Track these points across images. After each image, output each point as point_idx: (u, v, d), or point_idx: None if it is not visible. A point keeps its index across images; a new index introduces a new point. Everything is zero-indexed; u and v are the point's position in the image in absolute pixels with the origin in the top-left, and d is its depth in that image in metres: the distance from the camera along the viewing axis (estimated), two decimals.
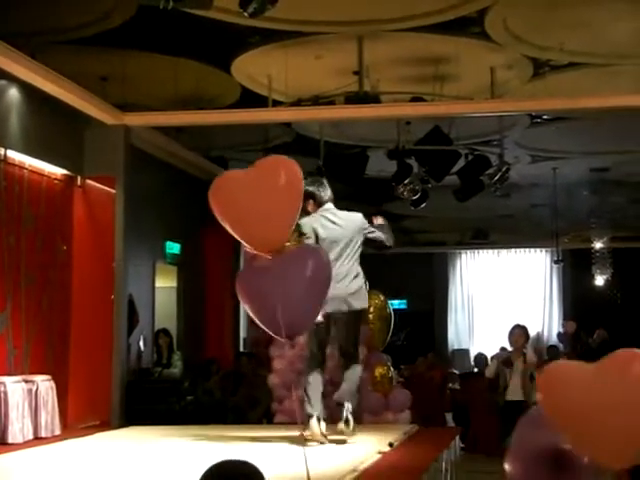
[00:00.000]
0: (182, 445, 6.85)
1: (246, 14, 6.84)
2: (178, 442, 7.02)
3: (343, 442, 6.47)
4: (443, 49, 9.58)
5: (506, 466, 4.31)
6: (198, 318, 12.34)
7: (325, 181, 6.80)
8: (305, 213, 6.45)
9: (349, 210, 6.75)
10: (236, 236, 5.21)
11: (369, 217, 6.84)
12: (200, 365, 11.23)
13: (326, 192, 6.68)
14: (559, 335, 19.63)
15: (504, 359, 9.03)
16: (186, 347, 11.42)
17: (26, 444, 7.00)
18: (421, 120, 10.84)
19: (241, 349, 12.39)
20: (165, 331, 10.69)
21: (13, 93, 7.66)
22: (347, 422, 6.49)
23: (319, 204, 6.63)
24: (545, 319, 22.03)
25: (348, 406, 6.52)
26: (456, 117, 10.39)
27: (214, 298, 12.49)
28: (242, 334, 12.90)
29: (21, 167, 7.90)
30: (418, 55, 9.84)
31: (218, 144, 12.62)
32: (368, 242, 6.71)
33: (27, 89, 7.74)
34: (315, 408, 6.37)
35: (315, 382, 6.48)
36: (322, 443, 6.33)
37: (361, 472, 5.36)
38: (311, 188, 6.50)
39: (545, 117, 12.10)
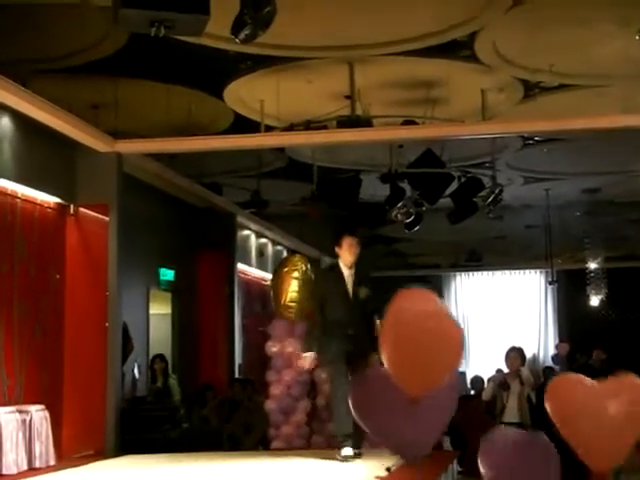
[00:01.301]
0: (177, 473, 6.80)
1: (238, 40, 6.84)
2: (173, 470, 6.97)
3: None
4: (434, 72, 9.63)
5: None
6: (193, 345, 12.29)
7: None
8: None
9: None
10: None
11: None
12: (196, 392, 11.17)
13: None
14: (553, 358, 19.60)
15: (500, 381, 8.99)
16: (181, 373, 11.36)
17: (20, 475, 6.94)
18: (413, 143, 10.86)
19: (236, 375, 12.32)
20: (161, 356, 10.64)
21: (5, 122, 7.65)
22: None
23: None
24: (541, 340, 22.01)
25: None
26: (448, 139, 10.42)
27: (209, 324, 12.45)
28: (237, 360, 12.84)
29: (13, 196, 7.87)
30: (409, 79, 9.89)
31: (211, 170, 12.63)
32: None
33: (19, 118, 7.73)
34: None
35: None
36: None
37: None
38: None
39: (537, 138, 12.14)
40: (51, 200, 8.50)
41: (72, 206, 8.78)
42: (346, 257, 6.97)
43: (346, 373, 6.83)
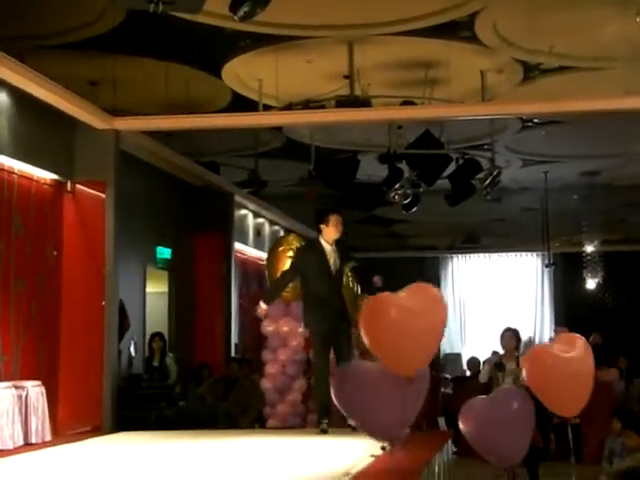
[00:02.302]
0: (173, 450, 6.83)
1: (236, 18, 6.82)
2: (169, 447, 7.00)
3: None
4: (433, 53, 9.59)
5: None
6: (189, 323, 12.31)
7: None
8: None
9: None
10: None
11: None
12: (192, 370, 11.20)
13: None
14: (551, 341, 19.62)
15: (496, 363, 9.01)
16: (177, 352, 11.38)
17: (16, 450, 6.96)
18: (412, 124, 10.84)
19: (232, 354, 12.35)
20: (160, 335, 10.63)
21: (2, 97, 7.61)
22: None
23: None
24: (537, 323, 22.08)
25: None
26: (447, 120, 10.40)
27: (205, 303, 12.46)
28: (234, 339, 12.86)
29: (10, 172, 7.85)
30: (408, 59, 9.86)
31: (209, 149, 12.60)
32: None
33: (17, 94, 7.70)
34: None
35: None
36: None
37: (354, 475, 5.35)
38: None
39: (536, 121, 12.12)
40: (48, 177, 8.48)
41: (69, 183, 8.76)
42: (331, 234, 7.04)
43: (326, 351, 6.91)
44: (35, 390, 7.50)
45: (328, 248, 7.04)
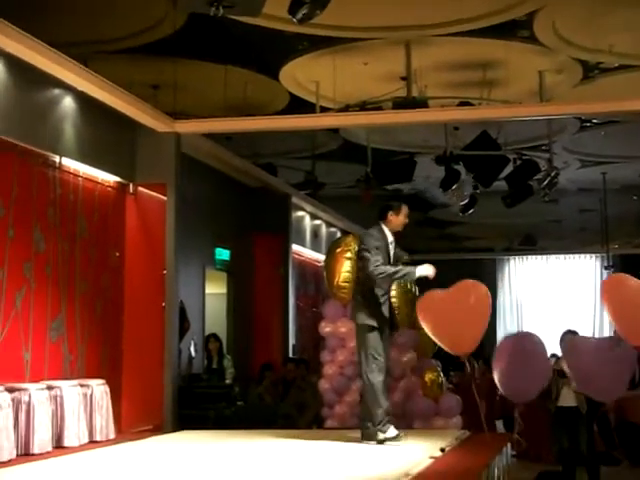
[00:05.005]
0: (232, 449, 6.90)
1: (295, 20, 6.87)
2: (228, 446, 7.07)
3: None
4: (491, 53, 9.56)
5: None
6: (248, 324, 12.40)
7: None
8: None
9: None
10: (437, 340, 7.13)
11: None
12: (251, 371, 11.28)
13: None
14: None
15: (559, 370, 8.91)
16: (235, 353, 11.49)
17: (82, 447, 7.10)
18: (469, 125, 10.79)
19: (290, 355, 12.41)
20: (215, 336, 10.75)
21: (67, 101, 7.79)
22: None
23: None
24: (596, 325, 21.77)
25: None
26: (504, 121, 10.34)
27: (263, 304, 12.54)
28: (291, 340, 12.94)
29: (75, 175, 8.02)
30: (466, 60, 9.83)
31: (266, 151, 12.71)
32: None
33: (81, 98, 7.86)
34: None
35: None
36: None
37: (414, 476, 5.36)
38: None
39: (594, 121, 11.99)
40: (111, 179, 8.64)
41: (131, 185, 8.92)
42: (399, 224, 7.06)
43: (381, 342, 6.87)
44: (100, 389, 7.65)
45: (390, 238, 7.04)
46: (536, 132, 12.07)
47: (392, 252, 7.01)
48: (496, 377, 7.45)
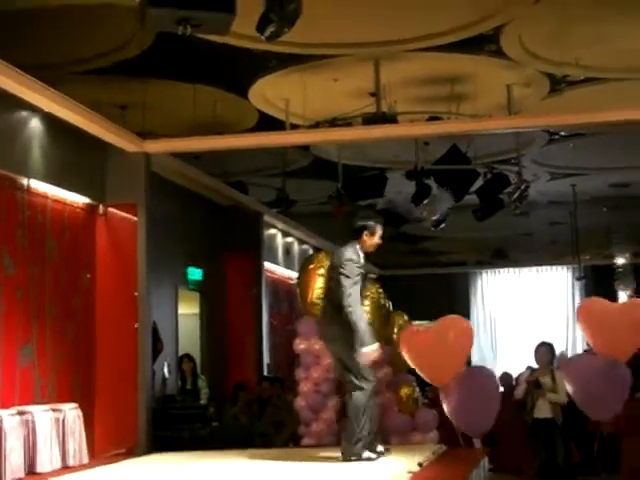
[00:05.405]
0: (209, 470, 6.84)
1: (263, 37, 6.86)
2: (205, 467, 7.01)
3: None
4: (459, 68, 9.61)
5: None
6: (221, 344, 12.34)
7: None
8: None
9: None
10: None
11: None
12: (225, 390, 11.21)
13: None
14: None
15: (534, 381, 8.93)
16: (210, 373, 11.41)
17: (54, 473, 6.99)
18: (439, 140, 10.84)
19: (265, 373, 12.36)
20: (189, 356, 10.67)
21: (35, 123, 7.72)
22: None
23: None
24: (569, 336, 21.90)
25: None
26: (474, 134, 10.38)
27: (237, 323, 12.50)
28: (266, 359, 12.88)
29: (44, 197, 7.94)
30: (434, 74, 9.88)
31: (237, 169, 12.68)
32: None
33: (48, 119, 7.80)
34: None
35: None
36: None
37: None
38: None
39: (563, 134, 12.09)
40: (80, 200, 8.56)
41: (101, 206, 8.84)
42: (372, 244, 6.87)
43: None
44: (72, 413, 7.55)
45: (362, 259, 6.92)
46: (505, 145, 12.14)
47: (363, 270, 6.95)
48: (448, 412, 7.50)
